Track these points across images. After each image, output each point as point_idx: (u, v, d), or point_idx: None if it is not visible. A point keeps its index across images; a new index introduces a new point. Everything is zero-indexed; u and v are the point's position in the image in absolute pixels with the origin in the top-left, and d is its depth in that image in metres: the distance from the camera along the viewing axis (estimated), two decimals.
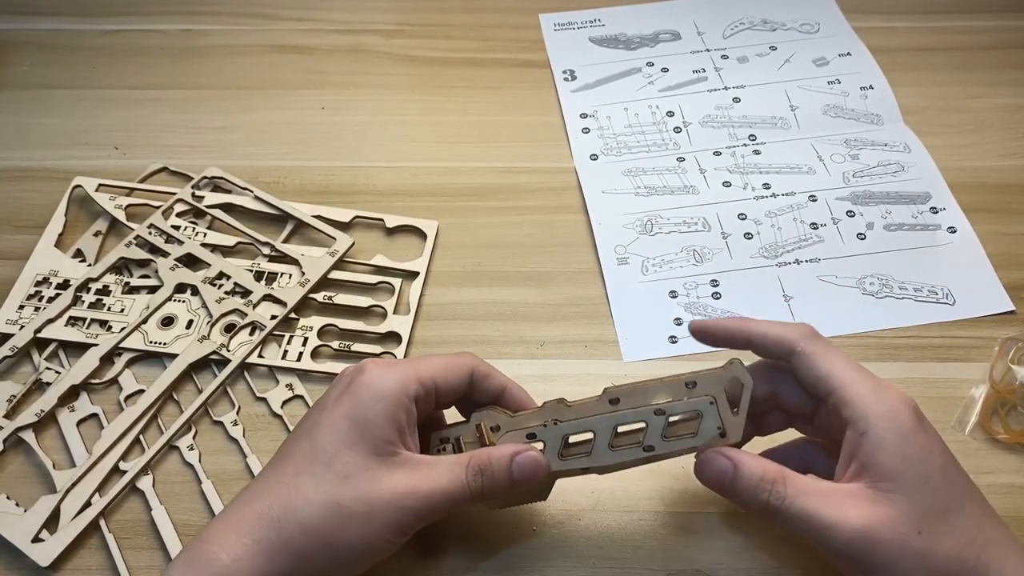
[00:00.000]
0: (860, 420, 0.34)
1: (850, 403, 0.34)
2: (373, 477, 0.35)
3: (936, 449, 0.34)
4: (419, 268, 0.54)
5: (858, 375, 0.35)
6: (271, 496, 0.35)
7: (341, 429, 0.35)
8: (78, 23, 0.69)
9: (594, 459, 0.38)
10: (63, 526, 0.43)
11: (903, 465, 0.33)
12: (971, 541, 0.33)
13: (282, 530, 0.34)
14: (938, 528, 0.32)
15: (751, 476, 0.35)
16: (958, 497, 0.33)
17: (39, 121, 0.62)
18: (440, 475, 0.36)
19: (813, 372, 0.36)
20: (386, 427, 0.35)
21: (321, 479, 0.34)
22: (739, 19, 0.70)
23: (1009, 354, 0.49)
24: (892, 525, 0.32)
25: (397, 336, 0.50)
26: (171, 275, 0.52)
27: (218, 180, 0.58)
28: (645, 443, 0.37)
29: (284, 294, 0.51)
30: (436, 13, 0.71)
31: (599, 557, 0.43)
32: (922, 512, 0.32)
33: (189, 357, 0.49)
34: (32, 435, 0.46)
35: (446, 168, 0.60)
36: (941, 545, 0.32)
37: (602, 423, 0.38)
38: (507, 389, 0.40)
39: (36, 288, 0.52)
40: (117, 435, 0.46)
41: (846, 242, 0.55)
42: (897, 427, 0.34)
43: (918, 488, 0.33)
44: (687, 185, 0.58)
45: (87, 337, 0.50)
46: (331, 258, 0.53)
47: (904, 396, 0.35)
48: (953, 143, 0.61)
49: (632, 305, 0.52)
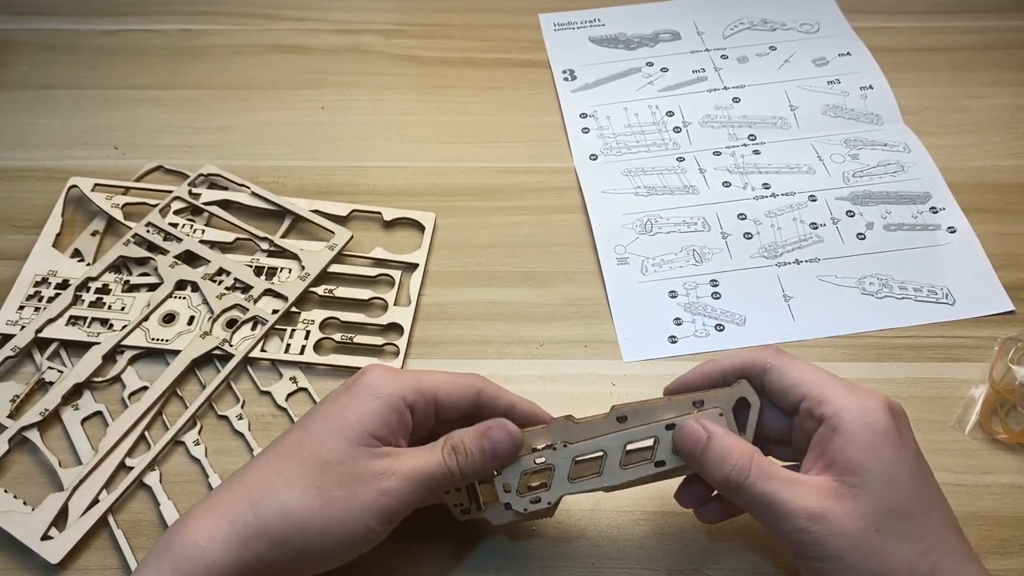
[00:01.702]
0: (833, 416, 0.34)
1: (823, 400, 0.35)
2: (357, 466, 0.35)
3: (908, 452, 0.34)
4: (418, 260, 0.54)
5: (830, 378, 0.36)
6: (252, 479, 0.35)
7: (331, 420, 0.36)
8: (78, 23, 0.69)
9: (606, 478, 0.38)
10: (72, 523, 0.43)
11: (871, 461, 0.33)
12: (928, 548, 0.32)
13: (259, 513, 0.34)
14: (896, 529, 0.32)
15: (720, 448, 0.35)
16: (924, 504, 0.33)
17: (39, 121, 0.62)
18: (418, 456, 0.36)
19: (786, 382, 0.36)
20: (375, 422, 0.36)
21: (304, 464, 0.35)
22: (739, 19, 0.70)
23: (1009, 354, 0.49)
24: (850, 518, 0.32)
25: (399, 327, 0.51)
26: (171, 272, 0.52)
27: (214, 177, 0.58)
28: (656, 459, 0.38)
29: (285, 288, 0.52)
30: (436, 13, 0.71)
31: (599, 557, 0.43)
32: (883, 511, 0.32)
33: (192, 353, 0.49)
34: (37, 434, 0.46)
35: (446, 168, 0.60)
36: (896, 546, 0.32)
37: (612, 441, 0.38)
38: (515, 407, 0.40)
39: (35, 288, 0.52)
40: (123, 432, 0.46)
41: (846, 242, 0.55)
42: (869, 424, 0.34)
43: (884, 487, 0.33)
44: (687, 185, 0.58)
45: (88, 336, 0.50)
46: (330, 252, 0.53)
47: (882, 398, 0.35)
48: (953, 143, 0.61)
49: (632, 305, 0.52)
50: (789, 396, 0.36)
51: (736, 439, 0.36)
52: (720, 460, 0.35)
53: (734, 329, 0.51)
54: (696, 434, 0.36)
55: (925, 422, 0.47)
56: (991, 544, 0.43)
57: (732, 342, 0.51)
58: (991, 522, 0.44)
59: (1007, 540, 0.43)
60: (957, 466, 0.45)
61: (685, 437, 0.36)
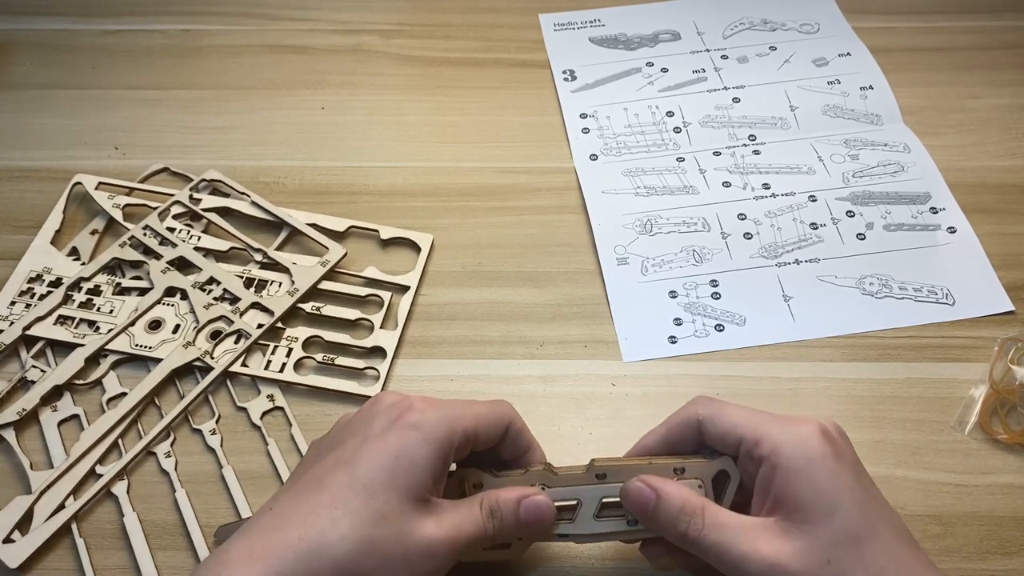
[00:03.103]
0: (771, 454, 0.34)
1: (758, 441, 0.35)
2: (409, 521, 0.34)
3: (848, 476, 0.34)
4: (410, 282, 0.53)
5: (762, 415, 0.36)
6: (303, 527, 0.33)
7: (385, 468, 0.34)
8: (78, 23, 0.69)
9: (578, 526, 0.38)
10: (35, 528, 0.43)
11: (811, 494, 0.33)
12: (881, 570, 0.32)
13: (310, 565, 0.32)
14: (847, 558, 0.32)
15: (671, 507, 0.35)
16: (871, 523, 0.33)
17: (39, 121, 0.62)
18: (460, 516, 0.36)
19: (720, 429, 0.36)
20: (428, 474, 0.35)
21: (357, 516, 0.33)
22: (739, 19, 0.70)
23: (1008, 354, 0.49)
24: (800, 557, 0.33)
25: (382, 351, 0.50)
26: (162, 278, 0.52)
27: (217, 183, 0.57)
28: (629, 516, 0.37)
29: (272, 303, 0.51)
30: (436, 13, 0.71)
31: (599, 557, 0.43)
32: (830, 542, 0.33)
33: (173, 363, 0.48)
34: (12, 434, 0.46)
35: (446, 168, 0.60)
36: (850, 574, 0.32)
37: (589, 492, 0.38)
38: (532, 449, 0.39)
39: (29, 285, 0.52)
40: (95, 438, 0.46)
41: (846, 242, 0.55)
42: (804, 455, 0.34)
43: (826, 517, 0.33)
44: (687, 185, 0.58)
45: (74, 337, 0.49)
46: (322, 268, 0.52)
47: (814, 425, 0.35)
48: (953, 143, 0.61)
49: (632, 305, 0.52)
50: (728, 442, 0.36)
51: (685, 492, 0.35)
52: (674, 518, 0.35)
53: (734, 329, 0.51)
54: (645, 495, 0.36)
55: (925, 422, 0.47)
56: (991, 544, 0.43)
57: (732, 342, 0.51)
58: (991, 522, 0.44)
59: (1007, 540, 0.43)
60: (957, 466, 0.45)
61: (635, 499, 0.36)
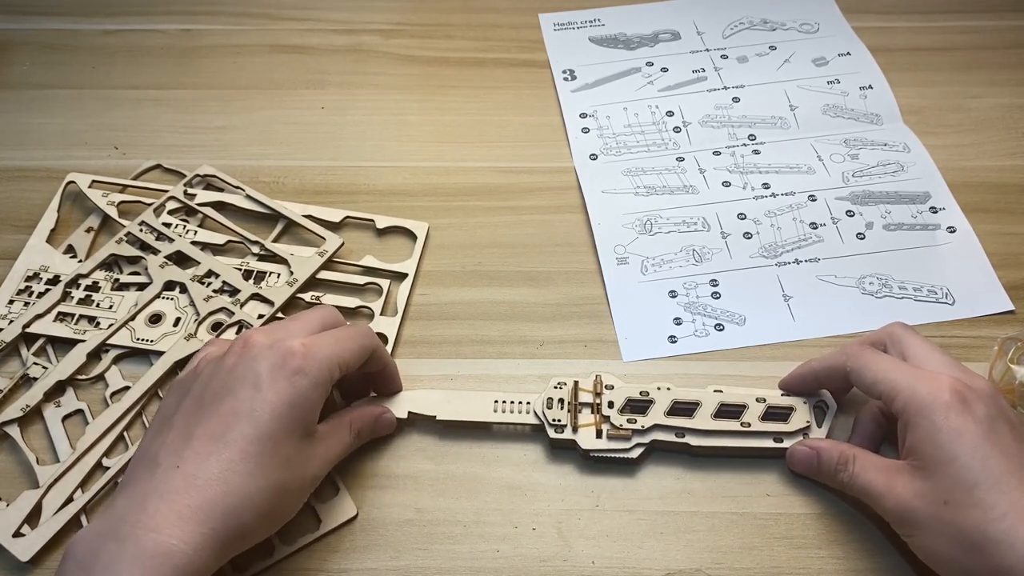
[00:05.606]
0: (903, 411, 0.40)
1: (895, 397, 0.40)
2: (305, 458, 0.39)
3: (968, 430, 0.38)
4: (408, 270, 0.53)
5: (899, 373, 0.41)
6: (223, 484, 0.36)
7: (284, 417, 0.38)
8: (78, 23, 0.69)
9: (697, 422, 0.44)
10: (44, 521, 0.43)
11: (931, 447, 0.38)
12: (1002, 515, 0.36)
13: (239, 517, 0.36)
14: (964, 500, 0.37)
15: (830, 460, 0.43)
16: (990, 474, 0.37)
17: (39, 121, 0.62)
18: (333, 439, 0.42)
19: (866, 384, 0.42)
20: (316, 411, 0.40)
21: (269, 466, 0.37)
22: (739, 19, 0.70)
23: (1008, 354, 0.48)
24: (923, 497, 0.38)
25: (384, 338, 0.50)
26: (160, 272, 0.52)
27: (211, 178, 0.58)
28: (743, 419, 0.45)
29: (272, 293, 0.51)
30: (436, 13, 0.71)
31: (599, 557, 0.43)
32: (948, 486, 0.37)
33: (175, 355, 0.49)
34: (17, 430, 0.46)
35: (446, 168, 0.60)
36: (966, 516, 0.36)
37: (709, 396, 0.45)
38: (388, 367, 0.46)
39: (26, 283, 0.52)
40: (101, 431, 0.46)
41: (846, 242, 0.55)
42: (929, 413, 0.39)
43: (944, 466, 0.38)
44: (687, 185, 0.58)
45: (75, 333, 0.50)
46: (320, 258, 0.53)
47: (941, 383, 0.39)
48: (953, 143, 0.61)
49: (632, 305, 0.52)
50: (872, 394, 0.42)
51: (838, 445, 0.43)
52: (833, 469, 0.43)
53: (734, 329, 0.51)
54: (808, 455, 0.44)
55: None
56: None
57: (732, 342, 0.51)
58: None
59: None
60: None
61: (799, 459, 0.44)
